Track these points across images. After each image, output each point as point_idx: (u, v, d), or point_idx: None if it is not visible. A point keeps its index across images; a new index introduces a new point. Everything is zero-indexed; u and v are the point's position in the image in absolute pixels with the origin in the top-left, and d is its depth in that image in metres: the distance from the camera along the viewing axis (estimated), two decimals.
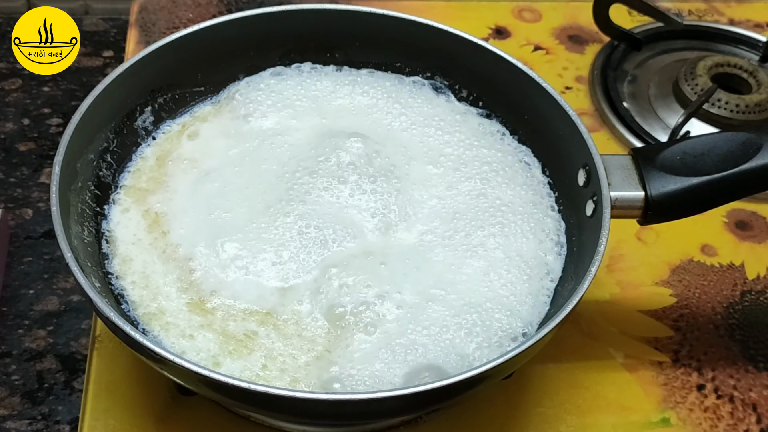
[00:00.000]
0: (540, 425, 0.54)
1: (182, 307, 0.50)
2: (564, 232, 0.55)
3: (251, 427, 0.52)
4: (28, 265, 0.67)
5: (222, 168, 0.57)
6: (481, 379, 0.43)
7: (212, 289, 0.50)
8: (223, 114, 0.60)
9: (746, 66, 0.77)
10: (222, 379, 0.41)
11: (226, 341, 0.48)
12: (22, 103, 0.80)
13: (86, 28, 0.88)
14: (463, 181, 0.57)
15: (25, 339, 0.63)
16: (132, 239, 0.53)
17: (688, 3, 0.87)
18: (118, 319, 0.43)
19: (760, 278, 0.64)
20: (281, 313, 0.50)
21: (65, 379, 0.61)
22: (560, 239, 0.54)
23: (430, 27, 0.60)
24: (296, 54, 0.62)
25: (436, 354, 0.48)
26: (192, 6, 0.81)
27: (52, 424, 0.59)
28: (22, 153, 0.76)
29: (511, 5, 0.84)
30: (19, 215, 0.71)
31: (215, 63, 0.60)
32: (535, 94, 0.57)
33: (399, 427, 0.53)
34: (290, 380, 0.47)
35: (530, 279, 0.52)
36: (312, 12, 0.61)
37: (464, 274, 0.52)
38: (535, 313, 0.51)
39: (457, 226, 0.54)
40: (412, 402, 0.43)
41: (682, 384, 0.57)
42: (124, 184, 0.56)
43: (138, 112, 0.58)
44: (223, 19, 0.59)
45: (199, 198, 0.55)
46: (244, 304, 0.50)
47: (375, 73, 0.63)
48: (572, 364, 0.57)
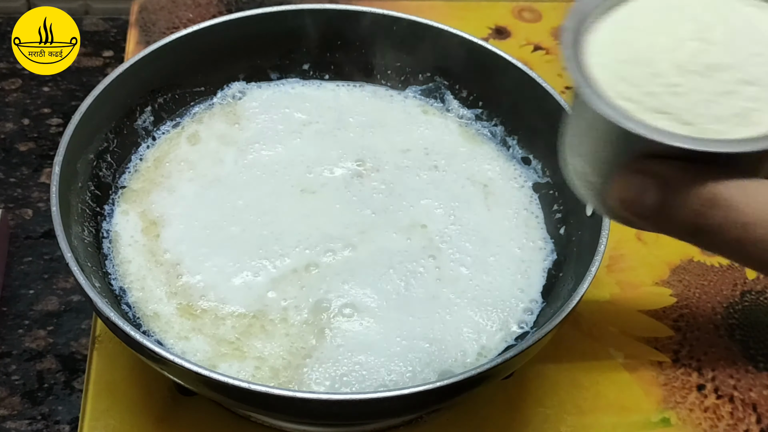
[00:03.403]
0: (540, 425, 0.54)
1: (173, 311, 0.50)
2: (564, 232, 0.55)
3: (251, 427, 0.52)
4: (28, 265, 0.67)
5: (216, 172, 0.57)
6: (481, 379, 0.43)
7: (200, 294, 0.50)
8: (221, 117, 0.60)
9: None
10: (222, 379, 0.41)
11: (218, 344, 0.48)
12: (22, 103, 0.80)
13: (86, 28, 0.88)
14: (464, 190, 0.57)
15: (25, 339, 0.63)
16: (129, 240, 0.53)
17: None
18: (118, 319, 0.43)
19: (760, 278, 0.63)
20: (268, 314, 0.50)
21: (65, 379, 0.61)
22: (559, 238, 0.55)
23: (430, 27, 0.60)
24: (296, 54, 0.63)
25: (431, 351, 0.48)
26: (192, 6, 0.81)
27: (52, 424, 0.59)
28: (22, 153, 0.76)
29: (511, 5, 0.84)
30: (19, 215, 0.71)
31: (215, 63, 0.60)
32: (535, 94, 0.57)
33: (399, 427, 0.53)
34: (283, 380, 0.47)
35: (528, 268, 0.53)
36: (312, 12, 0.61)
37: (465, 266, 0.52)
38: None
39: (456, 226, 0.55)
40: (412, 402, 0.43)
41: (682, 384, 0.57)
42: (123, 184, 0.56)
43: (138, 112, 0.58)
44: (223, 19, 0.59)
45: (191, 201, 0.55)
46: (231, 307, 0.50)
47: (370, 87, 0.63)
48: (572, 364, 0.57)
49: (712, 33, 0.30)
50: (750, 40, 0.30)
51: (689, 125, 0.28)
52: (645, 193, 0.29)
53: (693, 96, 0.29)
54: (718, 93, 0.29)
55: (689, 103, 0.29)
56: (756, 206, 0.27)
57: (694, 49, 0.29)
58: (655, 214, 0.29)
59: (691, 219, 0.28)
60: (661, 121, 0.29)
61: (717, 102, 0.29)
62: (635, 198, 0.29)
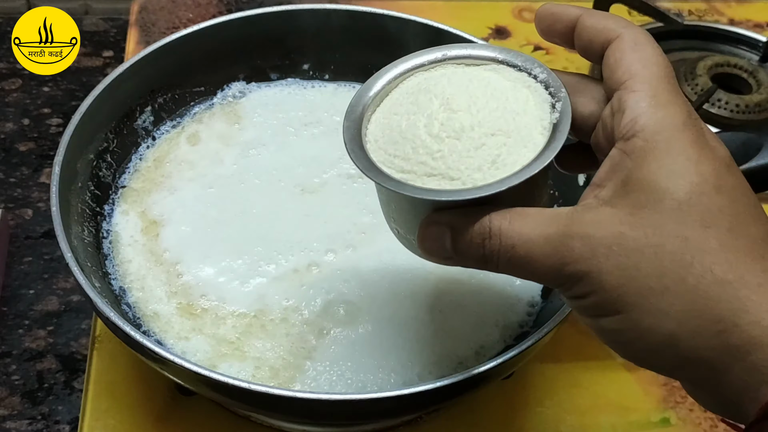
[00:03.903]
0: (540, 425, 0.54)
1: (173, 311, 0.50)
2: None
3: (251, 427, 0.52)
4: (28, 265, 0.68)
5: (216, 171, 0.57)
6: (481, 379, 0.43)
7: (200, 293, 0.50)
8: (221, 117, 0.60)
9: (746, 66, 0.77)
10: (222, 379, 0.41)
11: (218, 344, 0.48)
12: (22, 103, 0.80)
13: (86, 28, 0.89)
14: None
15: (25, 339, 0.63)
16: (129, 240, 0.53)
17: (688, 3, 0.87)
18: (118, 319, 0.43)
19: None
20: (269, 314, 0.50)
21: (65, 379, 0.61)
22: None
23: (430, 27, 0.60)
24: (296, 54, 0.62)
25: (431, 351, 0.48)
26: (192, 6, 0.81)
27: (52, 424, 0.59)
28: (22, 153, 0.76)
29: (511, 5, 0.84)
30: (19, 215, 0.71)
31: (215, 63, 0.60)
32: None
33: (399, 427, 0.53)
34: (283, 380, 0.47)
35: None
36: (312, 12, 0.61)
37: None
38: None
39: None
40: (411, 402, 0.43)
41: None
42: (123, 184, 0.56)
43: (138, 112, 0.58)
44: (223, 19, 0.59)
45: (190, 201, 0.55)
46: (232, 306, 0.50)
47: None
48: (572, 363, 0.57)
49: (456, 102, 0.36)
50: (488, 99, 0.36)
51: (456, 180, 0.35)
52: (441, 240, 0.35)
53: (453, 156, 0.35)
54: (472, 148, 0.35)
55: (451, 162, 0.35)
56: (520, 230, 0.33)
57: (443, 120, 0.36)
58: (453, 254, 0.35)
59: (478, 252, 0.34)
60: (433, 182, 0.35)
61: (472, 156, 0.35)
62: (435, 245, 0.36)
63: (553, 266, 0.33)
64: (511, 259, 0.33)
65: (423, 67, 0.39)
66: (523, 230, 0.33)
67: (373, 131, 0.38)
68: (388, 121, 0.38)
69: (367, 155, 0.37)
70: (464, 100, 0.36)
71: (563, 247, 0.32)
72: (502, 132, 0.36)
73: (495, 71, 0.38)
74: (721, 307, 0.31)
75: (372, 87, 0.39)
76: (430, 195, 0.35)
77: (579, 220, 0.33)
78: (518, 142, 0.35)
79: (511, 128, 0.36)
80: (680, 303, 0.31)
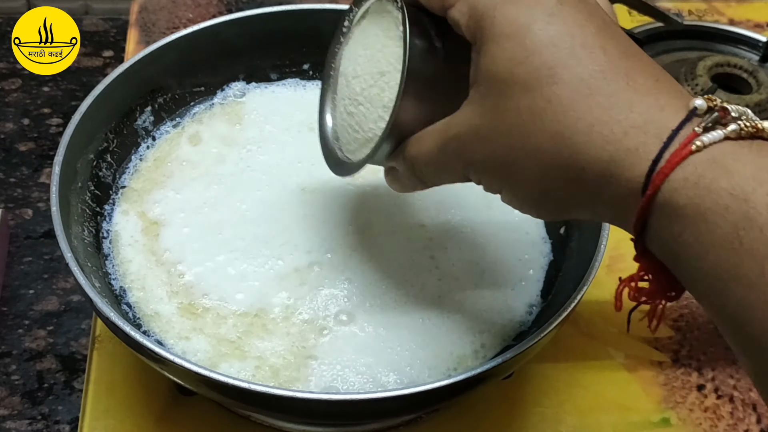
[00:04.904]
0: (540, 425, 0.54)
1: (174, 311, 0.50)
2: (563, 232, 0.55)
3: (251, 427, 0.52)
4: (28, 265, 0.68)
5: (216, 171, 0.57)
6: (481, 379, 0.43)
7: (202, 293, 0.50)
8: (222, 117, 0.60)
9: (746, 66, 0.77)
10: (222, 379, 0.41)
11: (219, 344, 0.48)
12: (22, 103, 0.80)
13: (86, 28, 0.89)
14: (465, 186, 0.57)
15: (25, 339, 0.63)
16: (129, 240, 0.53)
17: (688, 3, 0.87)
18: (118, 319, 0.43)
19: None
20: (270, 313, 0.50)
21: (65, 379, 0.61)
22: (559, 238, 0.55)
23: None
24: (296, 54, 0.63)
25: (431, 351, 0.48)
26: (192, 6, 0.81)
27: (52, 424, 0.59)
28: (22, 153, 0.76)
29: None
30: (19, 215, 0.71)
31: (215, 63, 0.60)
32: None
33: (399, 427, 0.53)
34: (283, 380, 0.47)
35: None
36: (312, 12, 0.61)
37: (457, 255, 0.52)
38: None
39: (455, 226, 0.55)
40: (411, 402, 0.43)
41: (682, 384, 0.57)
42: (123, 184, 0.56)
43: (138, 112, 0.58)
44: (223, 19, 0.59)
45: (191, 200, 0.55)
46: (233, 306, 0.50)
47: None
48: (572, 363, 0.57)
49: (354, 84, 0.44)
50: (369, 61, 0.43)
51: (376, 136, 0.42)
52: (396, 179, 0.43)
53: (365, 121, 0.43)
54: (371, 108, 0.42)
55: (366, 127, 0.43)
56: (418, 152, 0.40)
57: (348, 103, 0.44)
58: (407, 183, 0.42)
59: (413, 177, 0.42)
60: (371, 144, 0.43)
61: (373, 112, 0.42)
62: (395, 185, 0.44)
63: (452, 168, 0.39)
64: (426, 173, 0.40)
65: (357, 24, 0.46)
66: (421, 150, 0.40)
67: (335, 129, 0.47)
68: (341, 120, 0.46)
69: (335, 154, 0.46)
70: (355, 71, 0.44)
71: (445, 150, 0.38)
72: (382, 76, 0.42)
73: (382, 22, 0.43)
74: (574, 141, 0.33)
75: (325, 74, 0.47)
76: (353, 167, 0.45)
77: (451, 123, 0.38)
78: (392, 78, 0.41)
79: (385, 70, 0.42)
80: (538, 165, 0.35)
